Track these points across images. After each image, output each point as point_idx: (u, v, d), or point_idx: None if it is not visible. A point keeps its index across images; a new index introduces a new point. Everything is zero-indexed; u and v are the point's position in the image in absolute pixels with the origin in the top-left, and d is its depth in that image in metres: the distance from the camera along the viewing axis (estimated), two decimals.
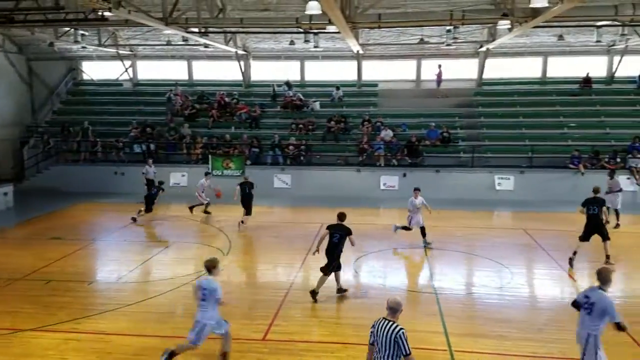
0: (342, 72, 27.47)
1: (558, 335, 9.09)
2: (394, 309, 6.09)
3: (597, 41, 22.20)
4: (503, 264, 12.98)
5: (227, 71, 28.22)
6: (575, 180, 20.14)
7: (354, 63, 26.70)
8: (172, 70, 28.88)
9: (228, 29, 21.72)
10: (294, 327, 9.44)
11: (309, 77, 28.07)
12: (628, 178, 20.23)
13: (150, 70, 29.30)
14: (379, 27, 19.04)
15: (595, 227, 12.71)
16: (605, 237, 12.74)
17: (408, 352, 5.86)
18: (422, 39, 23.34)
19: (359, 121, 24.48)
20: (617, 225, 16.82)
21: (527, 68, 26.34)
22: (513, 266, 12.95)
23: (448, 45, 22.79)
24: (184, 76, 28.82)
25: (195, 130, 24.65)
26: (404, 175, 21.71)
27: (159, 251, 14.38)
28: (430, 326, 9.44)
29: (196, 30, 19.18)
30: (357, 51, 24.16)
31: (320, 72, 27.84)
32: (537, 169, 21.14)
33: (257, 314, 9.99)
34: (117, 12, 14.50)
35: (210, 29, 20.31)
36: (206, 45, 23.58)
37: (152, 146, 24.07)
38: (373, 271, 12.92)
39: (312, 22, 17.35)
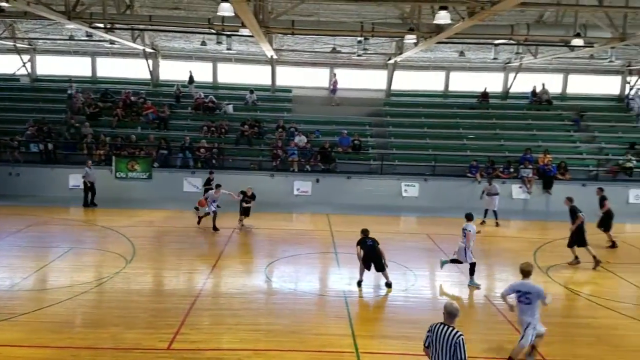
0: (256, 76, 27.37)
1: None
2: (452, 314, 6.10)
3: (494, 58, 23.85)
4: (408, 267, 13.53)
5: (134, 69, 27.17)
6: (473, 188, 21.34)
7: (268, 68, 26.72)
8: (74, 66, 27.30)
9: (135, 26, 20.93)
10: (201, 335, 9.24)
11: (222, 79, 27.71)
12: (520, 187, 21.84)
13: (51, 66, 27.53)
14: (293, 34, 19.25)
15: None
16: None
17: (464, 358, 5.90)
18: (334, 48, 23.84)
19: (273, 126, 24.50)
20: (497, 224, 18.60)
21: (431, 81, 27.70)
22: (417, 269, 13.53)
23: (359, 55, 23.46)
24: (87, 73, 27.36)
25: (98, 130, 23.42)
26: (317, 181, 22.00)
27: (57, 257, 13.49)
28: (339, 329, 9.64)
29: (101, 25, 18.29)
30: (271, 56, 24.23)
31: (233, 74, 27.55)
32: (440, 177, 22.20)
33: (162, 323, 9.66)
34: (15, 4, 13.51)
35: (117, 25, 19.47)
36: (112, 42, 22.54)
37: (50, 146, 22.55)
38: (284, 276, 12.95)
39: (225, 24, 17.16)
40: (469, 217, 12.51)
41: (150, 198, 20.55)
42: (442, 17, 12.84)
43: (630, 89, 27.46)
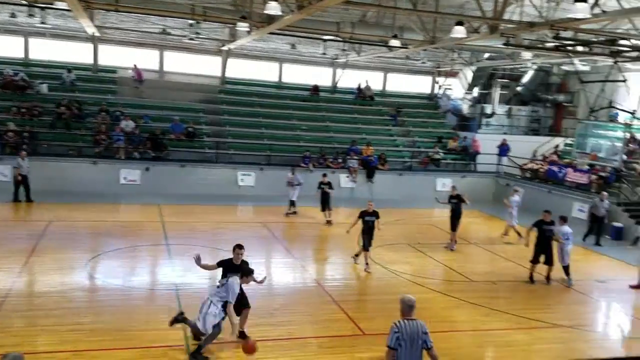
0: (75, 54, 25.01)
1: (287, 318, 9.97)
2: (413, 306, 6.11)
3: (323, 53, 24.95)
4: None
5: None
6: (306, 178, 22.07)
7: (90, 46, 24.60)
8: None
9: None
10: (11, 338, 8.25)
11: (35, 56, 24.79)
12: (347, 176, 23.26)
13: None
14: (117, 11, 17.90)
15: (455, 218, 15.78)
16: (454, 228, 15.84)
17: (433, 343, 6.02)
18: (164, 30, 22.80)
19: (95, 109, 22.63)
20: (294, 213, 18.91)
21: (266, 71, 28.05)
22: (252, 257, 13.48)
23: (191, 39, 22.76)
24: None
25: None
26: (147, 169, 20.89)
27: None
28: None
29: None
30: (93, 33, 22.35)
31: (48, 51, 24.81)
32: (275, 167, 22.53)
33: None
34: None
35: None
36: None
37: None
38: (109, 271, 12.12)
39: None
40: (564, 219, 13.33)
41: None
42: (273, 8, 13.07)
43: (439, 89, 30.88)
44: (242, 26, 17.37)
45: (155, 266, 13.09)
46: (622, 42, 17.09)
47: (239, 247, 8.86)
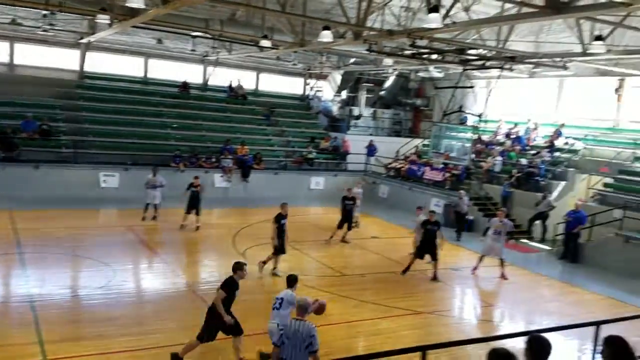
0: None
1: (156, 326, 9.57)
2: (304, 308, 6.23)
3: (193, 50, 24.31)
4: (106, 263, 12.78)
5: None
6: (176, 178, 21.28)
7: None
8: None
9: None
10: None
11: None
12: (221, 176, 22.91)
13: None
14: None
15: (346, 218, 16.77)
16: (350, 227, 16.93)
17: (318, 347, 6.10)
18: (14, 20, 20.67)
19: None
20: (154, 217, 17.67)
21: (131, 66, 26.61)
22: (116, 264, 12.88)
23: (45, 31, 20.90)
24: None
25: None
26: None
27: None
28: (23, 337, 8.54)
29: None
30: None
31: None
32: (142, 167, 21.28)
33: None
34: None
35: None
36: None
37: None
38: None
39: None
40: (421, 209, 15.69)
41: None
42: (135, 1, 12.44)
43: (310, 90, 31.62)
44: (103, 18, 16.27)
45: (7, 277, 11.85)
46: (470, 51, 18.88)
47: (245, 265, 8.44)
